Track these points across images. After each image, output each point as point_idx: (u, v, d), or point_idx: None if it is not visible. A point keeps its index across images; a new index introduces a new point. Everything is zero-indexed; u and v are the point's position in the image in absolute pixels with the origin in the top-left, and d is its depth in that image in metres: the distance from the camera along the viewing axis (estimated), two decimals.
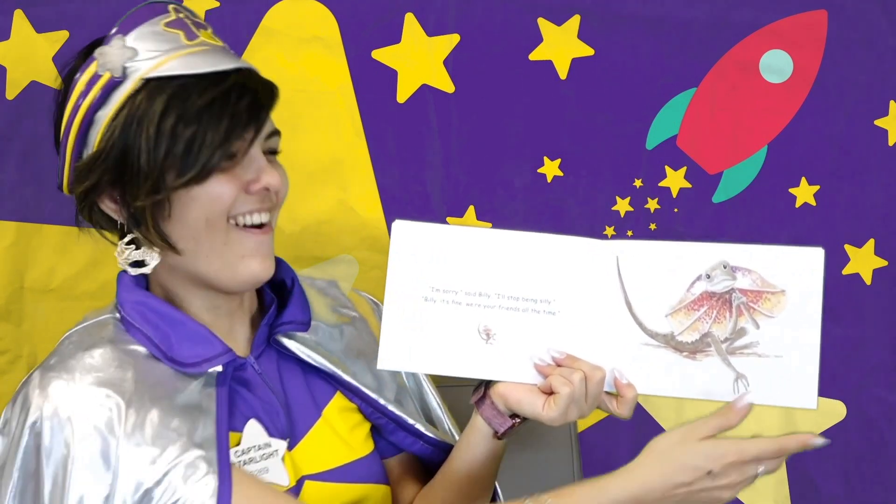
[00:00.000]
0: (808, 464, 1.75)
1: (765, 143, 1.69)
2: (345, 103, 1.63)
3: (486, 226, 1.67)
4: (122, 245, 1.15)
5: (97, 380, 1.08)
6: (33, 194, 1.58)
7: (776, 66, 1.67)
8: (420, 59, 1.63)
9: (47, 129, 1.56)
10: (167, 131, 1.09)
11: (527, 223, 1.67)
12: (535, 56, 1.64)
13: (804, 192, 1.70)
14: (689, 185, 1.69)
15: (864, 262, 1.72)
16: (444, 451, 1.28)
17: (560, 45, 1.64)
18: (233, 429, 1.14)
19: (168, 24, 1.13)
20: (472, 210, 1.67)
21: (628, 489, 1.09)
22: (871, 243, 1.72)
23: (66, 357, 1.11)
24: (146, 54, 1.11)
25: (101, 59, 1.12)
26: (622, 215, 1.69)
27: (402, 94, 1.64)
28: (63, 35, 1.54)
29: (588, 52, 1.65)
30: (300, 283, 1.27)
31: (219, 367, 1.14)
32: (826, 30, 1.67)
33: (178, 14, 1.15)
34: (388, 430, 1.28)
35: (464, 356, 1.18)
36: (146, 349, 1.14)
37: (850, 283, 1.72)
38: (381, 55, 1.62)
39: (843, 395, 1.73)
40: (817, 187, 1.70)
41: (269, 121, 1.14)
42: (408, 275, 1.17)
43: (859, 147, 1.70)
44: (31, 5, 1.54)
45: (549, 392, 1.16)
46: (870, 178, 1.71)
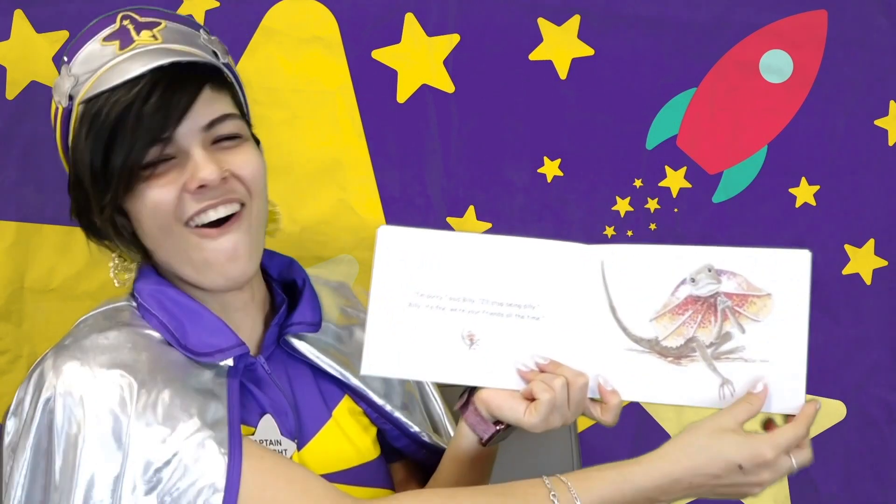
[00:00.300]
0: None
1: (765, 143, 1.69)
2: (345, 103, 1.63)
3: (486, 226, 1.67)
4: (115, 258, 1.19)
5: (111, 360, 1.08)
6: (33, 194, 1.58)
7: (776, 66, 1.67)
8: (420, 59, 1.63)
9: (47, 129, 1.56)
10: (88, 152, 1.11)
11: (527, 223, 1.67)
12: (535, 56, 1.64)
13: (804, 192, 1.70)
14: (689, 185, 1.69)
15: (864, 262, 1.72)
16: None
17: (560, 45, 1.64)
18: (244, 422, 1.14)
19: (106, 38, 1.14)
20: (472, 210, 1.67)
21: (653, 478, 1.09)
22: (871, 243, 1.72)
23: (81, 338, 1.12)
24: (83, 77, 1.13)
25: (54, 92, 1.16)
26: (622, 215, 1.69)
27: (402, 94, 1.64)
28: (63, 35, 1.54)
29: (588, 52, 1.65)
30: (311, 284, 1.27)
31: (230, 361, 1.14)
32: (826, 30, 1.66)
33: (123, 21, 1.15)
34: (393, 436, 1.29)
35: (448, 362, 1.16)
36: (160, 335, 1.15)
37: (850, 283, 1.72)
38: (381, 55, 1.62)
39: (842, 395, 1.73)
40: (817, 187, 1.70)
41: (205, 110, 1.12)
42: (393, 280, 1.16)
43: (859, 147, 1.70)
44: (31, 5, 1.54)
45: (531, 398, 1.15)
46: (870, 178, 1.71)
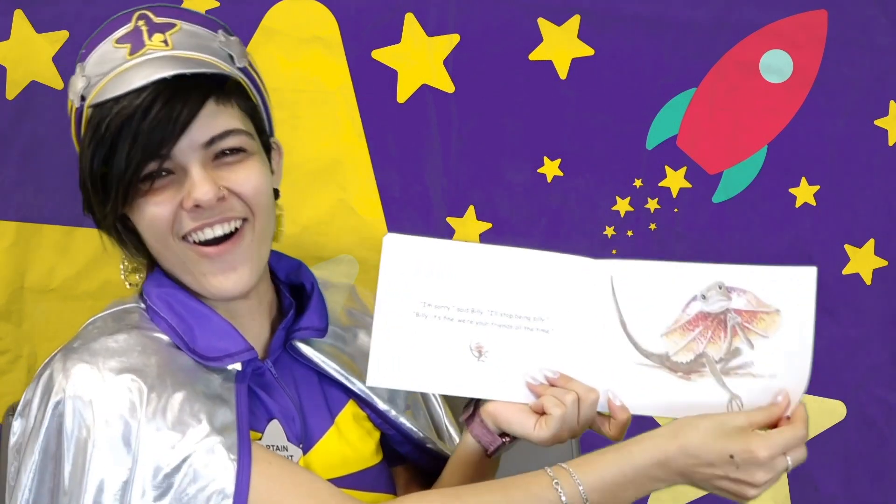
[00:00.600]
0: (807, 464, 1.73)
1: (765, 143, 1.69)
2: (345, 103, 1.63)
3: (486, 226, 1.67)
4: (124, 260, 1.18)
5: (120, 364, 1.08)
6: (33, 194, 1.58)
7: (776, 66, 1.67)
8: (420, 59, 1.63)
9: (47, 129, 1.57)
10: (89, 159, 1.10)
11: (527, 223, 1.67)
12: (535, 56, 1.64)
13: (804, 192, 1.70)
14: (689, 185, 1.69)
15: (864, 262, 1.72)
16: None
17: (560, 45, 1.64)
18: (251, 427, 1.13)
19: (119, 40, 1.12)
20: (472, 210, 1.67)
21: (651, 454, 1.09)
22: (871, 243, 1.72)
23: (90, 341, 1.11)
24: (94, 80, 1.12)
25: (69, 89, 1.15)
26: (622, 215, 1.69)
27: (402, 94, 1.64)
28: (63, 35, 1.54)
29: (588, 52, 1.64)
30: (319, 288, 1.26)
31: (238, 366, 1.14)
32: (826, 30, 1.66)
33: (138, 22, 1.13)
34: (397, 441, 1.28)
35: (455, 374, 1.16)
36: (169, 338, 1.14)
37: (850, 283, 1.72)
38: (381, 55, 1.62)
39: (842, 395, 1.73)
40: (817, 187, 1.70)
41: (207, 126, 1.10)
42: (399, 289, 1.15)
43: (859, 147, 1.70)
44: (31, 5, 1.53)
45: (541, 412, 1.15)
46: (870, 178, 1.71)
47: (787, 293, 1.15)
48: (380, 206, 1.66)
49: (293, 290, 1.27)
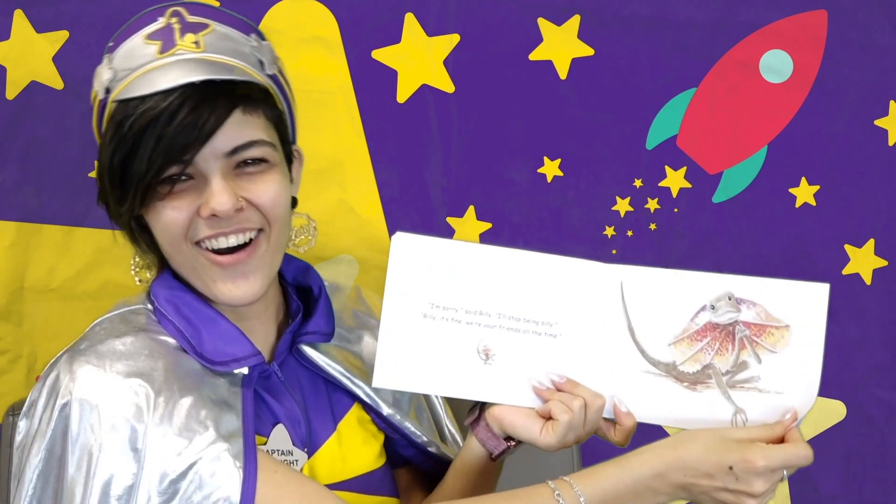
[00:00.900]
0: None
1: (765, 143, 1.69)
2: (345, 103, 1.63)
3: (486, 226, 1.67)
4: (135, 257, 1.18)
5: (127, 368, 1.07)
6: (33, 194, 1.58)
7: (776, 66, 1.67)
8: (420, 59, 1.63)
9: (47, 129, 1.57)
10: (109, 156, 1.09)
11: (527, 223, 1.67)
12: (535, 56, 1.64)
13: (804, 192, 1.70)
14: (689, 185, 1.69)
15: (864, 262, 1.72)
16: None
17: (560, 45, 1.64)
18: (256, 432, 1.13)
19: (150, 36, 1.10)
20: (472, 210, 1.67)
21: (650, 465, 1.09)
22: (871, 243, 1.72)
23: (97, 342, 1.10)
24: (120, 74, 1.10)
25: (95, 78, 1.13)
26: (622, 215, 1.69)
27: (402, 94, 1.64)
28: (63, 35, 1.54)
29: (588, 52, 1.65)
30: (327, 292, 1.25)
31: (244, 370, 1.13)
32: (826, 30, 1.66)
33: (171, 19, 1.11)
34: (401, 444, 1.28)
35: (461, 376, 1.15)
36: (176, 341, 1.13)
37: (850, 283, 1.72)
38: (381, 55, 1.62)
39: (842, 395, 1.73)
40: (817, 187, 1.70)
41: (231, 135, 1.08)
42: (407, 289, 1.14)
43: (859, 147, 1.70)
44: (31, 5, 1.53)
45: (547, 417, 1.14)
46: (870, 178, 1.71)
47: (798, 309, 1.15)
48: (380, 206, 1.66)
49: (300, 292, 1.26)
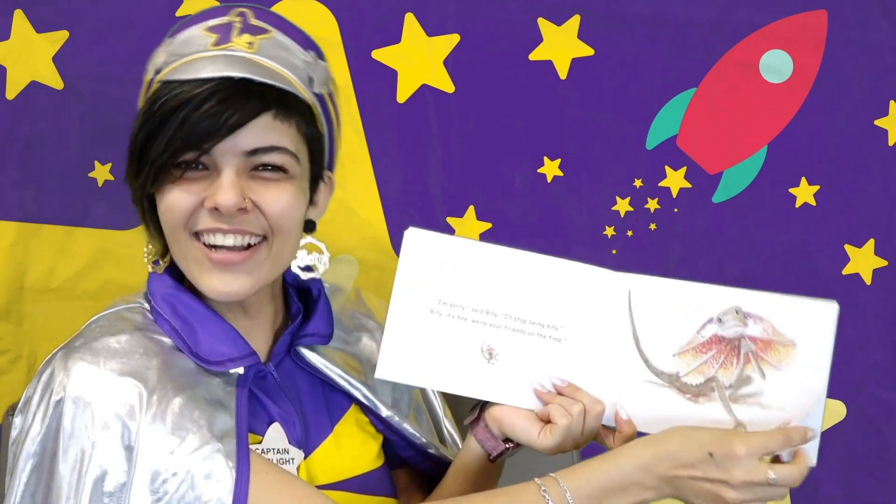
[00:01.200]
0: None
1: (765, 143, 1.69)
2: (345, 103, 1.63)
3: (486, 226, 1.67)
4: (149, 245, 1.18)
5: (122, 366, 1.07)
6: (33, 194, 1.58)
7: (776, 66, 1.67)
8: (420, 59, 1.63)
9: (47, 129, 1.57)
10: (136, 132, 1.10)
11: (527, 223, 1.67)
12: (535, 56, 1.64)
13: (804, 192, 1.70)
14: (689, 185, 1.69)
15: (864, 262, 1.72)
16: None
17: (560, 45, 1.64)
18: (251, 430, 1.13)
19: (210, 28, 1.12)
20: (472, 210, 1.67)
21: (635, 458, 1.09)
22: (871, 243, 1.72)
23: (92, 340, 1.10)
24: (172, 59, 1.11)
25: (151, 59, 1.14)
26: (622, 215, 1.69)
27: (402, 94, 1.64)
28: (63, 35, 1.54)
29: (588, 52, 1.65)
30: (326, 294, 1.25)
31: (240, 370, 1.13)
32: (826, 30, 1.66)
33: (235, 17, 1.13)
34: (400, 446, 1.28)
35: (464, 374, 1.16)
36: (171, 341, 1.13)
37: (850, 283, 1.72)
38: (381, 55, 1.62)
39: (842, 395, 1.73)
40: (817, 187, 1.70)
41: (256, 136, 1.09)
42: (416, 284, 1.14)
43: (859, 147, 1.70)
44: (31, 5, 1.53)
45: (546, 420, 1.14)
46: (870, 178, 1.71)
47: (806, 327, 1.14)
48: (380, 206, 1.66)
49: (300, 293, 1.26)
